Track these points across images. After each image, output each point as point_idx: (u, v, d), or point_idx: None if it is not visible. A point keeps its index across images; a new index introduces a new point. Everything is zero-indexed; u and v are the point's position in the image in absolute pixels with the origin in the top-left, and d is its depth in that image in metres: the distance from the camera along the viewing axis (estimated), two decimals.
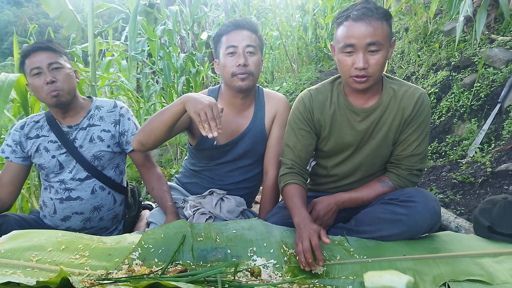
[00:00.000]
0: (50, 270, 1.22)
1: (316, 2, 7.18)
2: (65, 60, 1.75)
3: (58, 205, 1.78)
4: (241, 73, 1.67)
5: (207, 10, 5.07)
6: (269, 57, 8.18)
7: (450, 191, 2.30)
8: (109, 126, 1.84)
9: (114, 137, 1.84)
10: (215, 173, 1.89)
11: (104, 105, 1.88)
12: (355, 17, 1.36)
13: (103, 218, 1.85)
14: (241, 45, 1.68)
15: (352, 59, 1.39)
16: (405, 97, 1.51)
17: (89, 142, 1.80)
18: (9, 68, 7.76)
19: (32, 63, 1.67)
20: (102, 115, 1.85)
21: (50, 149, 1.77)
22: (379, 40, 1.35)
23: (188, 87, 4.47)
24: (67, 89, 1.71)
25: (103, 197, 1.83)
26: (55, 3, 3.38)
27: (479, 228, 1.52)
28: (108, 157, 1.83)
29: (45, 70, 1.66)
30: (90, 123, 1.82)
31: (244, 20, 1.75)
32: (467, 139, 2.70)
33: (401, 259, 1.34)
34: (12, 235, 1.40)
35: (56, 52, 1.72)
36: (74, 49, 4.20)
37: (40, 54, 1.68)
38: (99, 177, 1.81)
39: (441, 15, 4.37)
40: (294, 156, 1.61)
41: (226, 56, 1.70)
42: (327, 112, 1.59)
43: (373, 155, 1.59)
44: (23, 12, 29.33)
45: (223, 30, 1.74)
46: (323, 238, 1.25)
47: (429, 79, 3.43)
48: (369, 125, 1.55)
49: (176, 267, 1.27)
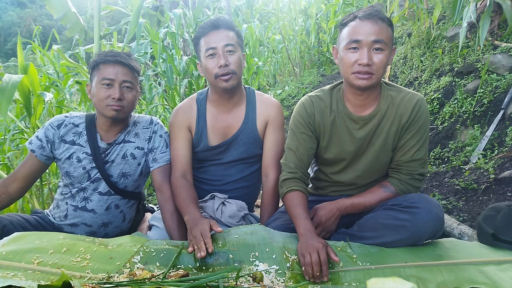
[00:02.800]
0: (51, 272, 1.22)
1: (319, 7, 7.20)
2: (137, 80, 1.74)
3: (71, 211, 1.75)
4: (224, 74, 1.67)
5: (210, 13, 5.08)
6: (272, 60, 8.19)
7: (453, 197, 2.29)
8: (143, 143, 1.81)
9: (146, 155, 1.81)
10: (212, 174, 1.89)
11: (141, 121, 1.84)
12: (362, 16, 1.41)
13: (108, 234, 1.82)
14: (220, 46, 1.67)
15: (357, 56, 1.41)
16: (402, 103, 1.52)
17: (121, 158, 1.76)
18: (12, 68, 7.77)
19: (107, 73, 1.64)
20: (138, 132, 1.81)
21: (82, 160, 1.72)
22: (384, 39, 1.39)
23: (190, 90, 4.47)
24: (128, 110, 1.70)
25: (115, 214, 1.81)
26: (59, 5, 3.39)
27: (482, 235, 1.51)
28: (133, 179, 1.80)
29: (117, 86, 1.64)
30: (126, 139, 1.78)
31: (219, 19, 1.72)
32: (470, 145, 2.69)
33: (404, 266, 1.33)
34: (13, 237, 1.39)
35: (134, 71, 1.70)
36: (78, 50, 4.21)
37: (118, 68, 1.65)
38: (119, 194, 1.78)
39: (444, 20, 4.38)
40: (297, 159, 1.61)
41: (207, 59, 1.69)
42: (327, 118, 1.60)
43: (373, 161, 1.60)
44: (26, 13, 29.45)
45: (200, 32, 1.73)
46: (332, 255, 1.29)
47: (432, 85, 3.43)
48: (368, 133, 1.56)
49: (177, 272, 1.27)
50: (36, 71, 2.43)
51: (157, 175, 1.78)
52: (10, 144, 3.06)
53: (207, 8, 5.50)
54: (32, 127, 2.56)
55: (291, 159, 1.62)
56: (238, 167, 1.87)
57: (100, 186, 1.75)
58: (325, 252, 1.29)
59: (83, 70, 2.83)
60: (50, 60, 3.47)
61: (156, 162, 1.79)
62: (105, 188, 1.75)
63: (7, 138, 2.81)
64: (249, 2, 6.46)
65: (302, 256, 1.31)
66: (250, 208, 1.94)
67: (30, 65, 2.40)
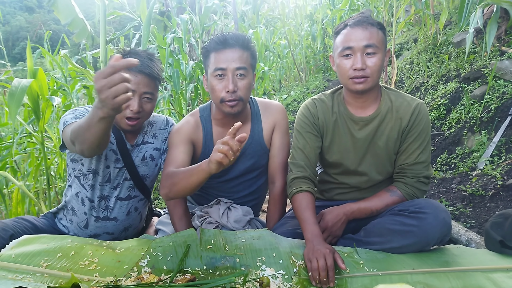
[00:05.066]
0: (59, 276, 1.23)
1: (325, 12, 7.22)
2: (157, 89, 1.67)
3: (92, 222, 1.70)
4: (230, 100, 1.56)
5: (217, 19, 5.10)
6: (277, 65, 8.21)
7: (460, 204, 2.28)
8: (160, 144, 1.79)
9: (162, 156, 1.80)
10: (220, 190, 1.84)
11: (157, 121, 1.82)
12: (352, 24, 1.48)
13: (128, 237, 1.80)
14: (230, 68, 1.54)
15: (351, 62, 1.47)
16: (401, 108, 1.56)
17: (141, 160, 1.74)
18: (19, 72, 7.85)
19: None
20: (155, 132, 1.79)
21: (108, 158, 1.67)
22: (375, 43, 1.45)
23: (196, 94, 4.49)
24: (144, 120, 1.67)
25: (134, 217, 1.80)
26: (67, 10, 3.43)
27: (490, 242, 1.50)
28: (150, 180, 1.79)
29: (136, 97, 1.55)
30: (144, 140, 1.76)
31: (234, 36, 1.58)
32: (477, 151, 2.68)
33: (412, 272, 1.33)
34: (22, 239, 1.40)
35: (155, 80, 1.62)
36: (85, 55, 4.25)
37: (140, 78, 1.56)
38: (143, 192, 1.77)
39: (450, 26, 4.37)
40: (305, 157, 1.63)
41: (214, 78, 1.57)
42: (329, 119, 1.64)
43: (376, 164, 1.62)
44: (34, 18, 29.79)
45: (212, 46, 1.58)
46: (339, 262, 1.29)
47: (439, 90, 3.42)
48: (368, 134, 1.59)
49: (185, 276, 1.27)
50: (44, 75, 2.45)
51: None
52: (17, 147, 3.09)
53: (214, 13, 5.54)
54: (40, 131, 2.59)
55: (300, 157, 1.64)
56: (245, 184, 1.83)
57: (121, 192, 1.72)
58: (331, 258, 1.29)
59: (90, 75, 2.85)
60: (58, 64, 3.51)
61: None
62: (125, 193, 1.73)
63: (14, 141, 2.84)
64: (255, 7, 6.49)
65: (309, 262, 1.31)
66: (256, 213, 1.94)
67: (39, 70, 2.42)
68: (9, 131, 4.37)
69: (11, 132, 4.06)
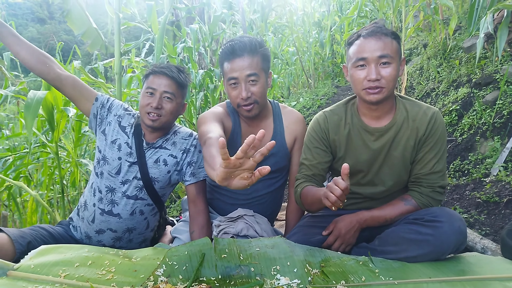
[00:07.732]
0: (78, 286, 1.24)
1: (333, 19, 7.23)
2: (180, 93, 1.78)
3: (98, 215, 1.77)
4: (246, 105, 1.66)
5: (225, 27, 5.14)
6: (286, 72, 8.24)
7: (475, 211, 2.25)
8: (178, 153, 1.83)
9: (178, 164, 1.83)
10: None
11: (181, 132, 1.88)
12: (365, 34, 1.47)
13: (132, 240, 1.85)
14: (242, 76, 1.63)
15: (365, 72, 1.46)
16: (418, 117, 1.55)
17: (153, 162, 1.79)
18: (31, 83, 7.98)
19: (152, 83, 1.73)
20: (175, 141, 1.84)
21: (122, 150, 1.78)
22: (389, 53, 1.43)
23: (206, 103, 4.52)
24: (165, 120, 1.75)
25: (139, 220, 1.83)
26: (80, 21, 3.51)
27: (507, 250, 1.48)
28: (160, 185, 1.82)
29: (158, 95, 1.71)
30: (163, 145, 1.82)
31: (242, 44, 1.63)
32: (490, 157, 2.66)
33: (428, 281, 1.32)
34: (40, 249, 1.42)
35: (177, 84, 1.76)
36: (97, 65, 4.31)
37: (162, 79, 1.73)
38: (150, 193, 1.80)
39: (460, 31, 4.35)
40: (310, 172, 1.66)
41: (229, 87, 1.68)
42: (341, 132, 1.63)
43: (392, 174, 1.61)
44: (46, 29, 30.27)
45: (224, 56, 1.68)
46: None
47: (450, 96, 3.40)
48: (384, 144, 1.57)
49: (200, 285, 1.28)
50: None
51: (193, 188, 1.82)
52: (31, 157, 3.14)
53: (222, 22, 5.58)
54: (54, 141, 2.63)
55: (305, 172, 1.67)
56: (264, 182, 1.86)
57: (129, 189, 1.77)
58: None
59: (104, 86, 2.89)
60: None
61: (193, 176, 1.82)
62: (132, 191, 1.78)
63: (29, 151, 2.89)
64: (264, 15, 6.53)
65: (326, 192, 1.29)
66: (271, 221, 1.94)
67: None
68: (22, 141, 4.44)
69: (24, 142, 4.12)
